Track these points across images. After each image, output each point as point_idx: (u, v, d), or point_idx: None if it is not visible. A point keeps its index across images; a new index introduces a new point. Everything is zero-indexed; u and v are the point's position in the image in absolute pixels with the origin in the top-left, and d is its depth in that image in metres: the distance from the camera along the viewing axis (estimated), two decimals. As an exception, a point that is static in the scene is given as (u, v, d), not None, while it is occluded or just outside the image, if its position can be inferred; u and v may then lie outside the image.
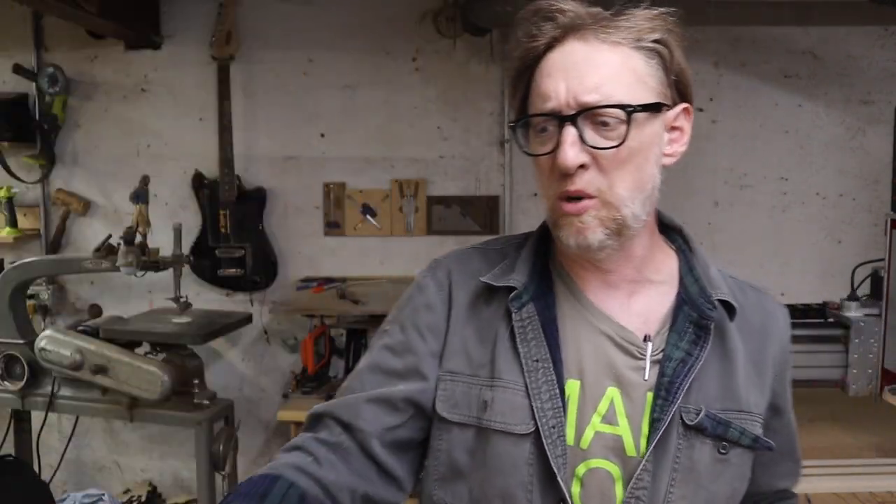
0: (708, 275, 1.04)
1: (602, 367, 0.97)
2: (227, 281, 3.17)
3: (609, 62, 0.91)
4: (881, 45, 3.04)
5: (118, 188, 3.20)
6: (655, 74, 0.94)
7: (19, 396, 2.62)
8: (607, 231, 0.93)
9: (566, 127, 0.91)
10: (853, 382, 2.23)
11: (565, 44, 0.93)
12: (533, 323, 0.98)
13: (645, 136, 0.93)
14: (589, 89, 0.90)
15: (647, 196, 0.97)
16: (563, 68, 0.92)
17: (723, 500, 0.99)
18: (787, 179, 3.11)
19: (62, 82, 3.13)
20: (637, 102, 0.91)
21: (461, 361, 1.01)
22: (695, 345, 0.97)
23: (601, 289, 1.01)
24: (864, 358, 2.21)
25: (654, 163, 0.97)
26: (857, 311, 2.26)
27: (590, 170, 0.92)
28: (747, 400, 1.00)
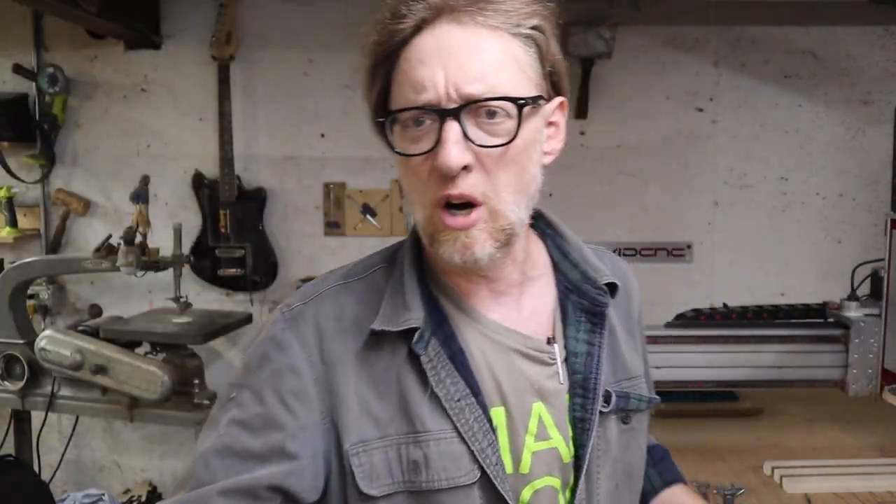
0: (585, 257, 0.99)
1: (521, 385, 0.90)
2: (227, 281, 3.17)
3: (491, 48, 0.81)
4: (881, 45, 3.04)
5: (118, 188, 3.20)
6: (533, 64, 0.85)
7: (19, 396, 2.62)
8: (496, 244, 0.84)
9: (448, 122, 0.80)
10: (853, 382, 2.23)
11: (437, 26, 0.82)
12: (441, 359, 0.87)
13: (529, 132, 0.84)
14: (472, 79, 0.79)
15: (531, 199, 0.88)
16: (439, 54, 0.81)
17: (637, 465, 1.01)
18: (787, 179, 3.11)
19: (62, 82, 3.12)
20: (520, 94, 0.81)
21: (367, 426, 0.86)
22: (592, 333, 0.94)
23: (491, 299, 0.92)
24: (864, 358, 2.21)
25: (537, 162, 0.87)
26: (857, 311, 2.26)
27: (473, 171, 0.81)
28: (633, 365, 1.01)
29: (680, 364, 2.20)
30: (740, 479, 1.87)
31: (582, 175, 3.10)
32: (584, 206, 3.11)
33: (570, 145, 3.36)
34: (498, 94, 0.80)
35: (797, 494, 1.79)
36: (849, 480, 1.83)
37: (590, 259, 0.98)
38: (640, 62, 3.07)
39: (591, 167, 3.09)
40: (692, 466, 1.13)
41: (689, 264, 3.13)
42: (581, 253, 0.99)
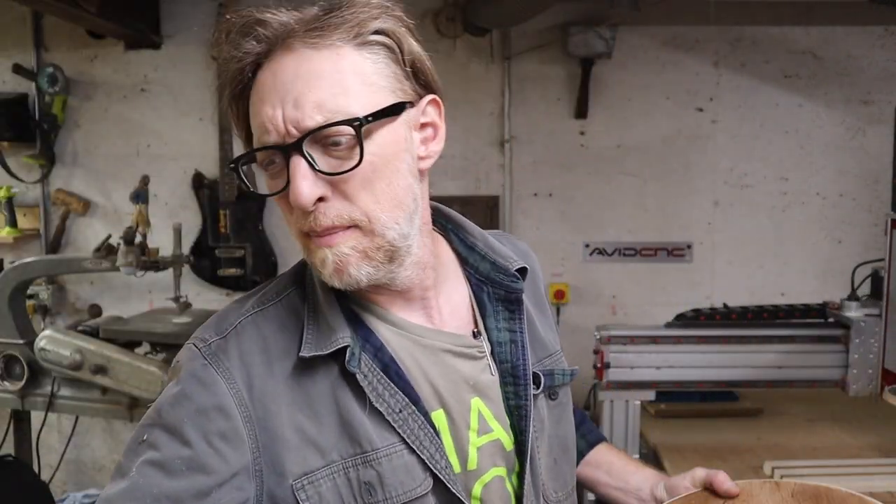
0: (491, 247, 0.98)
1: (457, 384, 0.91)
2: (227, 281, 3.17)
3: (324, 72, 0.78)
4: (881, 45, 3.04)
5: (118, 188, 3.20)
6: (384, 71, 0.81)
7: (19, 396, 2.62)
8: (374, 263, 0.82)
9: (293, 158, 0.78)
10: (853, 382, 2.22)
11: (272, 62, 0.80)
12: (375, 373, 0.85)
13: (386, 145, 0.81)
14: (309, 112, 0.77)
15: (412, 210, 0.84)
16: (275, 91, 0.79)
17: (571, 436, 1.03)
18: (787, 179, 3.11)
19: (62, 82, 3.12)
20: (367, 111, 0.78)
21: (310, 456, 0.83)
22: (512, 321, 0.95)
23: (407, 306, 0.91)
24: (864, 358, 2.21)
25: (408, 172, 0.84)
26: (858, 311, 2.26)
27: (332, 200, 0.80)
28: (549, 341, 1.03)
29: (680, 364, 2.20)
30: (740, 478, 1.87)
31: (582, 175, 3.10)
32: (584, 206, 3.11)
33: (570, 145, 3.38)
34: (335, 119, 0.77)
35: (797, 494, 1.79)
36: (849, 480, 1.83)
37: (496, 248, 0.98)
38: (640, 62, 3.07)
39: (591, 167, 3.09)
40: (692, 466, 1.12)
41: (689, 264, 3.13)
42: (486, 242, 0.98)
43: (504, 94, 3.10)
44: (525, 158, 3.12)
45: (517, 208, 3.16)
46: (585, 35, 2.90)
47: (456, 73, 3.10)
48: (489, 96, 3.12)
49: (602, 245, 3.12)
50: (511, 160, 3.13)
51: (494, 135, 3.12)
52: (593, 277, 3.14)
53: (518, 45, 3.07)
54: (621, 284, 3.14)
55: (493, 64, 3.10)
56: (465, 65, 3.11)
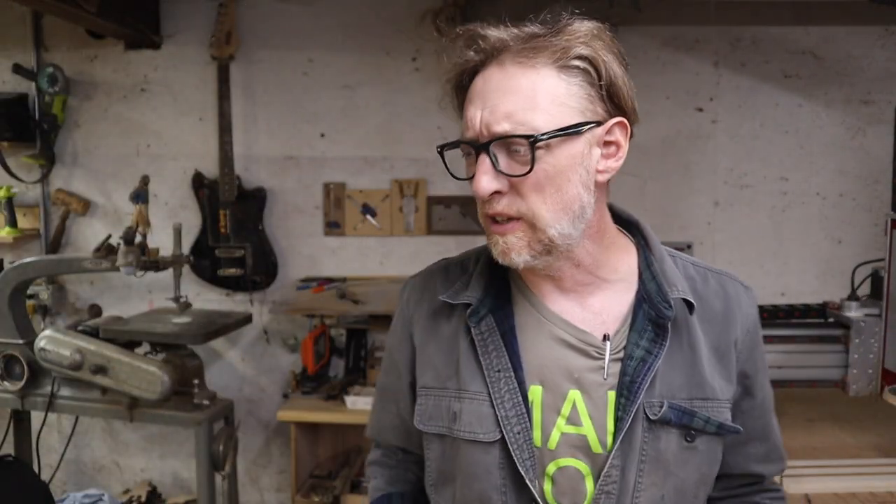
0: (664, 271, 1.06)
1: (562, 371, 1.01)
2: (227, 281, 3.17)
3: (521, 88, 0.92)
4: (881, 45, 3.04)
5: (118, 188, 3.20)
6: (578, 93, 0.93)
7: (19, 396, 2.62)
8: (533, 252, 0.97)
9: (481, 154, 0.94)
10: (853, 382, 2.23)
11: (486, 70, 0.96)
12: (493, 334, 1.03)
13: (561, 159, 0.93)
14: (500, 119, 0.92)
15: (577, 215, 0.97)
16: (481, 96, 0.95)
17: (692, 484, 1.03)
18: (787, 179, 3.11)
19: (62, 82, 3.13)
20: (553, 127, 0.92)
21: (430, 376, 1.08)
22: (654, 343, 1.00)
23: (556, 294, 1.04)
24: (864, 358, 2.21)
25: (579, 182, 0.96)
26: (858, 311, 2.26)
27: (507, 195, 0.95)
28: (712, 387, 1.03)
29: (680, 364, 2.20)
30: (740, 479, 1.87)
31: (582, 175, 3.10)
32: (584, 206, 3.10)
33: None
34: (519, 132, 0.91)
35: (797, 494, 1.79)
36: (849, 480, 1.83)
37: (668, 272, 1.05)
38: (640, 62, 3.07)
39: (591, 167, 3.09)
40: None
41: (689, 264, 3.13)
42: (662, 266, 1.06)
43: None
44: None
45: (517, 208, 3.15)
46: (585, 35, 2.90)
47: (456, 73, 3.09)
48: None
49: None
50: (511, 160, 3.12)
51: (494, 135, 3.12)
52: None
53: (518, 45, 3.07)
54: (621, 284, 3.14)
55: (493, 64, 3.10)
56: (465, 65, 3.11)
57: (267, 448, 3.34)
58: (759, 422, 1.12)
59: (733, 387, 1.06)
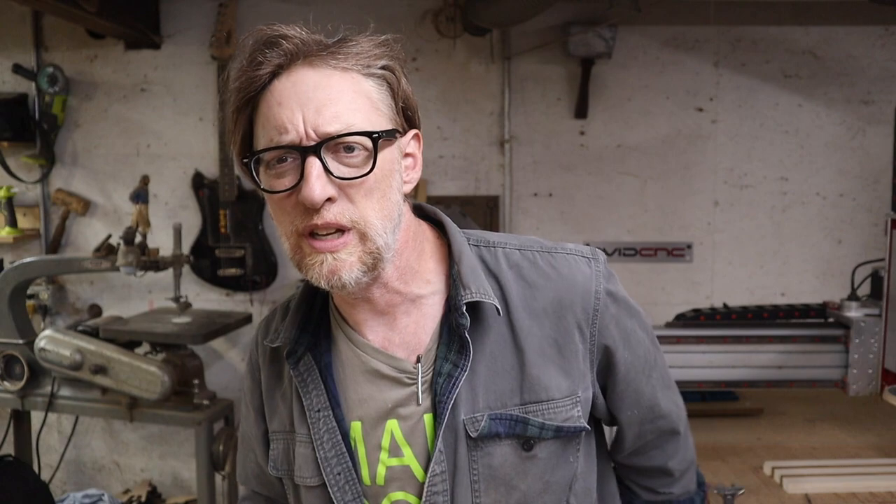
0: (460, 272, 0.96)
1: (378, 403, 0.97)
2: (227, 281, 3.17)
3: (344, 89, 0.88)
4: (881, 45, 3.04)
5: (118, 188, 3.20)
6: (386, 100, 0.91)
7: (19, 396, 2.62)
8: (364, 267, 0.89)
9: (309, 159, 0.86)
10: (853, 382, 2.22)
11: (293, 71, 0.89)
12: (311, 373, 0.99)
13: (386, 163, 0.90)
14: (329, 119, 0.86)
15: (396, 224, 0.92)
16: (297, 97, 0.87)
17: (537, 494, 0.97)
18: (787, 179, 3.11)
19: (62, 82, 3.13)
20: (377, 129, 0.88)
21: (277, 422, 1.04)
22: (460, 355, 0.94)
23: (372, 319, 0.98)
24: (864, 358, 2.21)
25: (397, 190, 0.92)
26: (858, 311, 2.26)
27: (338, 202, 0.87)
28: (546, 387, 0.96)
29: (680, 364, 2.20)
30: (740, 479, 1.87)
31: (582, 175, 3.10)
32: (584, 206, 3.11)
33: (570, 145, 3.38)
34: (353, 130, 0.86)
35: (797, 494, 1.79)
36: (849, 480, 1.83)
37: (464, 272, 0.96)
38: (640, 62, 3.07)
39: (591, 167, 3.09)
40: (692, 466, 1.12)
41: (689, 264, 3.13)
42: (459, 265, 0.97)
43: (504, 94, 3.10)
44: (525, 158, 3.12)
45: (517, 208, 3.16)
46: (585, 35, 2.90)
47: (456, 73, 3.10)
48: (489, 96, 3.12)
49: (602, 245, 3.12)
50: (511, 160, 3.13)
51: (494, 135, 3.12)
52: (593, 277, 3.13)
53: (518, 45, 3.07)
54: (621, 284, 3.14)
55: (493, 64, 3.10)
56: (465, 65, 3.11)
57: (267, 448, 3.33)
58: (628, 395, 1.03)
59: (584, 378, 0.98)
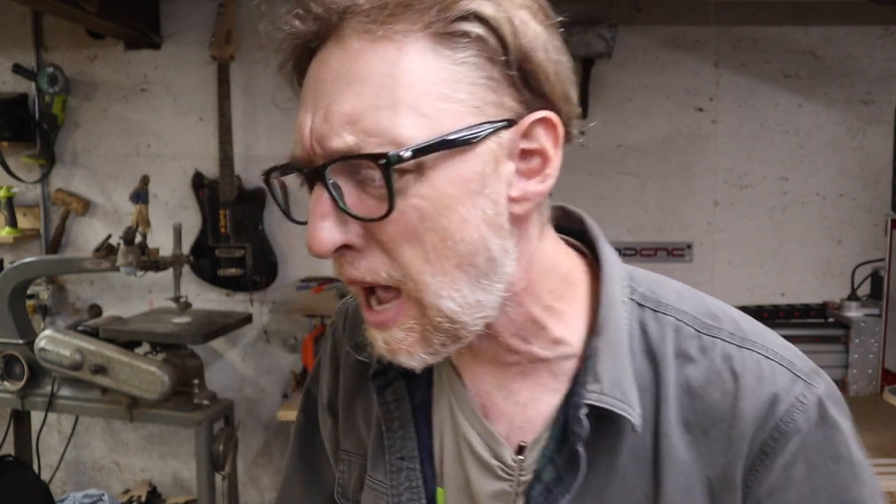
0: (598, 348, 0.66)
1: (459, 484, 0.70)
2: (227, 281, 3.17)
3: (371, 75, 0.56)
4: (882, 45, 3.04)
5: (118, 188, 3.20)
6: (469, 77, 0.57)
7: (19, 396, 2.62)
8: (433, 348, 0.61)
9: (315, 186, 0.59)
10: (853, 382, 2.22)
11: (322, 50, 0.60)
12: (402, 409, 0.72)
13: (447, 185, 0.57)
14: (338, 127, 0.57)
15: (482, 273, 0.60)
16: (313, 91, 0.60)
17: None
18: (787, 179, 3.11)
19: (62, 82, 3.13)
20: (422, 138, 0.56)
21: (351, 440, 0.79)
22: (570, 465, 0.64)
23: (476, 366, 0.70)
24: (864, 358, 2.21)
25: (482, 221, 0.59)
26: (858, 311, 2.26)
27: (366, 250, 0.59)
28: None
29: (680, 364, 2.20)
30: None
31: (582, 175, 3.10)
32: (584, 206, 3.06)
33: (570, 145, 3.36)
34: (367, 146, 0.56)
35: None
36: (849, 481, 1.83)
37: (600, 357, 0.65)
38: (640, 62, 3.07)
39: (591, 167, 3.09)
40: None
41: (689, 264, 3.13)
42: (598, 343, 0.66)
43: (504, 94, 3.10)
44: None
45: (517, 208, 3.15)
46: (585, 35, 2.90)
47: (456, 73, 3.09)
48: (489, 96, 3.11)
49: (602, 245, 3.11)
50: (511, 160, 3.12)
51: (494, 135, 3.12)
52: (593, 277, 3.13)
53: (518, 45, 3.07)
54: (621, 284, 3.14)
55: (493, 64, 3.10)
56: (465, 65, 3.10)
57: (267, 448, 3.33)
58: None
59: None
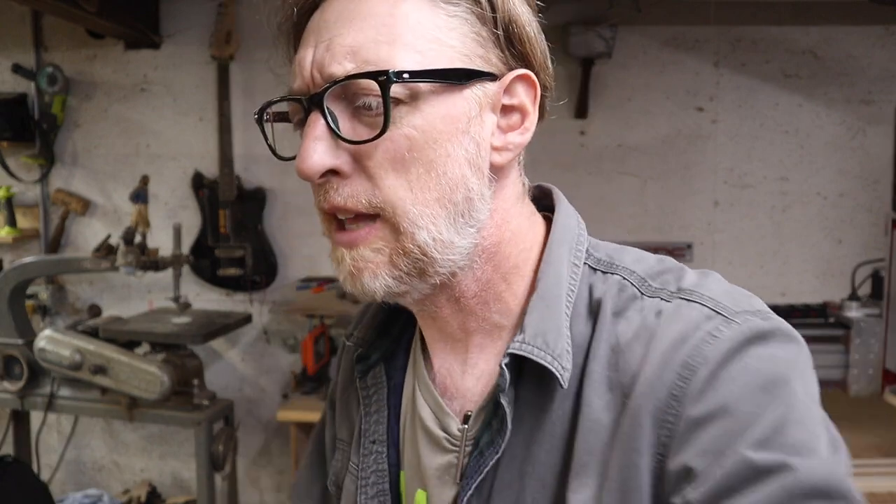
0: (531, 300, 0.66)
1: (413, 463, 0.72)
2: (226, 281, 3.17)
3: (374, 13, 0.61)
4: (882, 45, 3.04)
5: (118, 188, 3.20)
6: (461, 29, 0.62)
7: (18, 397, 2.62)
8: (396, 273, 0.63)
9: (312, 113, 0.63)
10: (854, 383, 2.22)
11: (326, 1, 0.65)
12: (379, 393, 0.75)
13: (437, 119, 0.61)
14: (340, 55, 0.60)
15: (461, 212, 0.63)
16: (317, 30, 0.63)
17: None
18: (788, 179, 3.11)
19: (61, 82, 3.12)
20: (416, 67, 0.60)
21: (345, 427, 0.82)
22: (502, 422, 0.64)
23: (441, 341, 0.72)
24: (864, 358, 2.21)
25: (465, 160, 0.63)
26: (858, 311, 2.26)
27: (351, 178, 0.62)
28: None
29: (680, 364, 2.20)
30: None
31: (582, 175, 3.10)
32: (584, 206, 3.07)
33: (570, 145, 3.39)
34: (364, 70, 0.59)
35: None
36: (849, 481, 1.83)
37: (531, 307, 0.66)
38: (640, 62, 3.07)
39: (591, 167, 3.09)
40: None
41: (689, 264, 3.11)
42: (533, 294, 0.67)
43: (504, 93, 3.10)
44: (525, 158, 3.11)
45: (517, 208, 3.15)
46: (585, 35, 2.90)
47: (456, 72, 3.09)
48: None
49: (602, 245, 3.11)
50: (511, 160, 3.12)
51: (494, 135, 3.12)
52: (593, 277, 3.13)
53: (518, 44, 3.07)
54: (621, 284, 3.14)
55: (493, 64, 3.10)
56: (465, 65, 3.10)
57: (267, 448, 3.33)
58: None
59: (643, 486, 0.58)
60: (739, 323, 0.60)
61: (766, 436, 0.55)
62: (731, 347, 0.59)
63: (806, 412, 0.58)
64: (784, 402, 0.57)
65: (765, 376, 0.57)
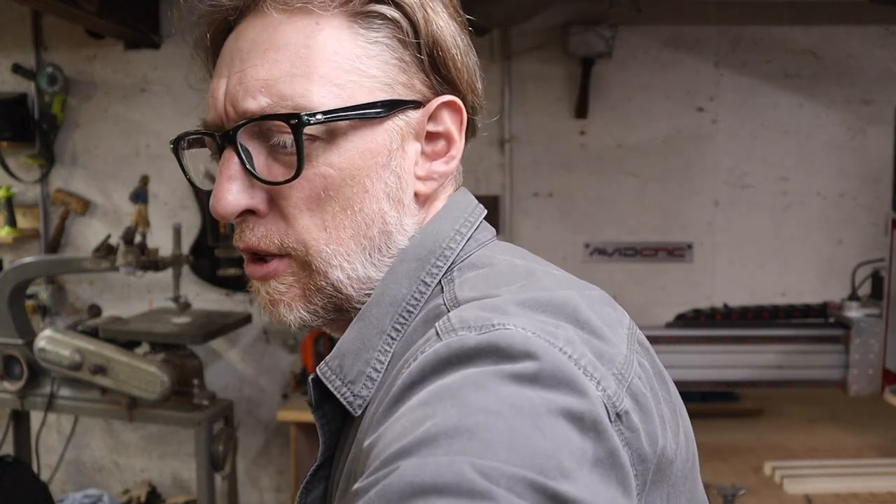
0: (355, 323, 0.64)
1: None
2: (226, 281, 3.17)
3: (288, 44, 0.60)
4: (882, 45, 3.04)
5: (118, 188, 3.20)
6: (382, 56, 0.61)
7: (18, 397, 2.62)
8: (312, 308, 0.63)
9: (226, 150, 0.61)
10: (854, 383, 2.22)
11: (241, 23, 0.64)
12: (331, 423, 0.72)
13: (356, 156, 0.60)
14: (252, 89, 0.59)
15: (376, 246, 0.62)
16: (230, 60, 0.63)
17: None
18: (788, 179, 3.11)
19: (61, 82, 3.12)
20: (335, 105, 0.59)
21: None
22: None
23: None
24: (864, 358, 2.21)
25: (384, 194, 0.62)
26: (858, 311, 2.26)
27: (268, 217, 0.62)
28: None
29: (680, 364, 2.20)
30: (741, 479, 1.87)
31: (582, 175, 3.10)
32: (585, 206, 3.10)
33: (570, 145, 3.38)
34: (279, 108, 0.58)
35: (798, 495, 1.79)
36: (849, 481, 1.83)
37: (350, 328, 0.64)
38: (640, 62, 3.07)
39: (591, 167, 3.09)
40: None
41: (689, 264, 3.13)
42: (360, 315, 0.65)
43: (504, 94, 3.10)
44: (525, 158, 3.12)
45: (517, 208, 3.15)
46: (585, 35, 2.90)
47: (456, 72, 3.09)
48: (489, 96, 3.09)
49: (602, 245, 3.12)
50: (511, 160, 3.13)
51: (494, 134, 3.12)
52: (593, 278, 3.09)
53: (518, 44, 3.07)
54: (621, 285, 3.14)
55: (493, 63, 3.09)
56: (465, 65, 3.10)
57: (267, 448, 3.33)
58: None
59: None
60: (449, 340, 0.53)
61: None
62: (421, 369, 0.53)
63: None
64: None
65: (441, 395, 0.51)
